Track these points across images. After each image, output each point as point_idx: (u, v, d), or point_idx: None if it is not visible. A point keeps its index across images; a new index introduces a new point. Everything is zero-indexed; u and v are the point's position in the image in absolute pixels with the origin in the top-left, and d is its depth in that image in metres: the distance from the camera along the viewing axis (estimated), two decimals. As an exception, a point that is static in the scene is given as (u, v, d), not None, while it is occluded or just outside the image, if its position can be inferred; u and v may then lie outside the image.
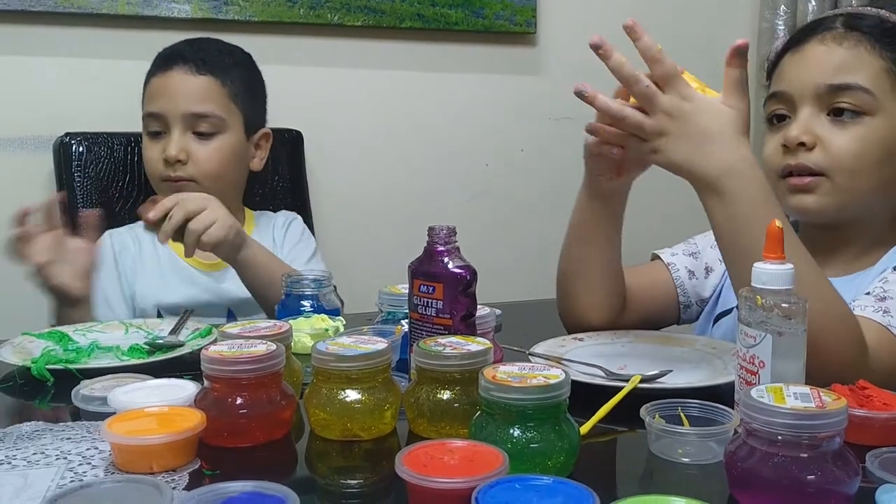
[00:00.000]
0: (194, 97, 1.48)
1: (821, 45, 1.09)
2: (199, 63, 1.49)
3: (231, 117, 1.52)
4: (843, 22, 1.09)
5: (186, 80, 1.48)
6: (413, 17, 1.94)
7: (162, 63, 1.51)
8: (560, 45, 2.10)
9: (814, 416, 0.65)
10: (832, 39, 1.08)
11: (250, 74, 1.60)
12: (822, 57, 1.08)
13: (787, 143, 1.08)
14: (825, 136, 1.07)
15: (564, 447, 0.72)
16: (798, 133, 1.07)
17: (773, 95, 1.13)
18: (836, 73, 1.07)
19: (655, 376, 0.94)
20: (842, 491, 0.65)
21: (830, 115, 1.07)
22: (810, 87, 1.08)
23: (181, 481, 0.72)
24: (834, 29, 1.09)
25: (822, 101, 1.08)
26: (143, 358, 1.07)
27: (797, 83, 1.10)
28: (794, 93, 1.10)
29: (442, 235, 0.93)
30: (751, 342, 0.79)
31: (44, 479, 0.72)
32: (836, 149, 1.06)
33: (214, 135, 1.49)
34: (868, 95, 1.05)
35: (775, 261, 0.79)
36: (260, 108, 1.63)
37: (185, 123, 1.47)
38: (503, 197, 2.11)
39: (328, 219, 1.93)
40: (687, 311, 1.28)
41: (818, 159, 1.07)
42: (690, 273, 1.27)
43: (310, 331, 1.13)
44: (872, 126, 1.06)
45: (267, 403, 0.82)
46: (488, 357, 0.82)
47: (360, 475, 0.78)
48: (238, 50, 1.61)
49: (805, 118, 1.08)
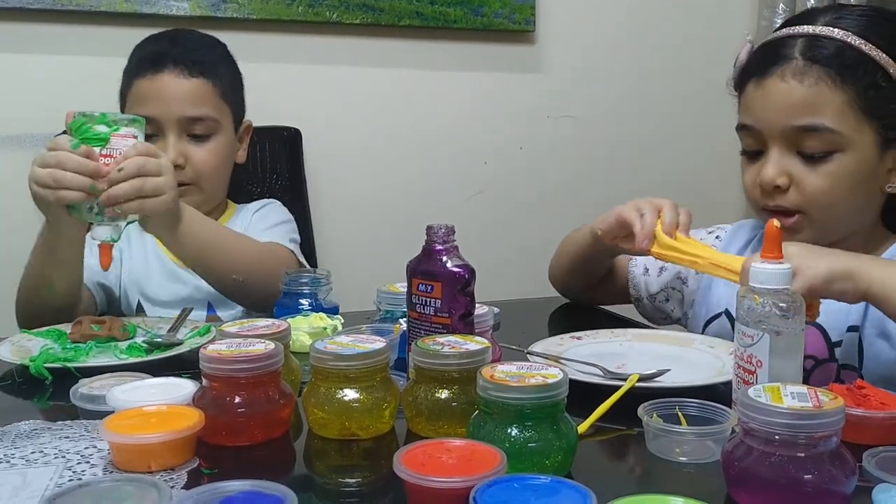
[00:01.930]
0: (189, 101, 1.46)
1: (781, 83, 1.08)
2: (190, 64, 1.46)
3: (223, 116, 1.50)
4: (803, 52, 1.07)
5: (180, 84, 1.45)
6: (412, 14, 1.94)
7: (150, 65, 1.47)
8: (559, 44, 2.10)
9: (811, 416, 0.65)
10: (792, 75, 1.07)
11: (233, 67, 1.58)
12: (784, 95, 1.08)
13: (763, 186, 1.10)
14: (798, 176, 1.08)
15: (562, 446, 0.72)
16: (773, 176, 1.09)
17: (743, 127, 1.14)
18: (800, 114, 1.07)
19: (653, 375, 0.95)
20: (839, 490, 0.65)
21: (800, 154, 1.08)
22: (777, 128, 1.08)
23: (180, 480, 0.72)
24: (793, 60, 1.07)
25: (789, 141, 1.08)
26: (141, 356, 1.07)
27: (764, 121, 1.10)
28: (763, 130, 1.10)
29: (440, 234, 0.93)
30: (748, 342, 0.79)
31: (42, 478, 0.72)
32: (809, 189, 1.08)
33: (210, 136, 1.48)
34: (834, 135, 1.06)
35: (773, 260, 0.80)
36: (243, 101, 1.61)
37: (181, 127, 1.45)
38: (502, 195, 2.11)
39: (326, 217, 1.93)
40: (640, 305, 1.38)
41: (794, 199, 1.09)
42: (645, 269, 1.35)
43: (308, 329, 1.13)
44: (843, 162, 1.07)
45: (265, 402, 0.82)
46: (486, 356, 0.82)
47: (358, 474, 0.78)
48: (217, 42, 1.58)
49: (776, 158, 1.09)
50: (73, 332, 1.15)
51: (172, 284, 1.47)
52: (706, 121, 2.22)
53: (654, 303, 1.35)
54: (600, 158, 2.16)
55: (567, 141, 2.14)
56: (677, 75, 2.22)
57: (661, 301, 1.34)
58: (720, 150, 1.90)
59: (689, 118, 2.23)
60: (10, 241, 1.48)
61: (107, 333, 1.15)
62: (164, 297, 1.45)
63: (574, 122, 2.14)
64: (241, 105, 1.60)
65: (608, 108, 2.16)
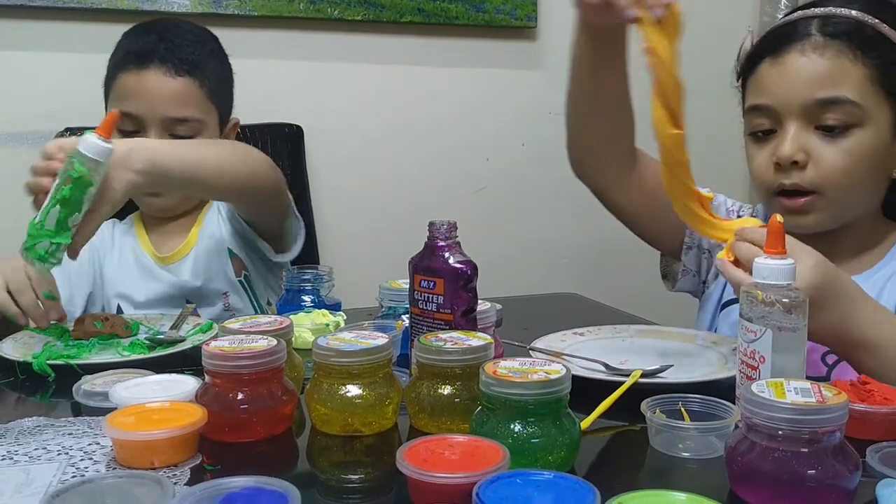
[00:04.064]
0: (173, 101, 1.42)
1: (802, 57, 1.07)
2: (177, 62, 1.42)
3: (208, 117, 1.47)
4: (820, 28, 1.07)
5: (165, 83, 1.42)
6: (413, 11, 1.93)
7: (136, 60, 1.43)
8: (561, 40, 2.07)
9: (814, 411, 0.65)
10: (812, 49, 1.06)
11: (222, 64, 1.54)
12: (806, 69, 1.06)
13: (781, 163, 1.08)
14: (816, 153, 1.06)
15: (565, 442, 0.72)
16: (792, 151, 1.06)
17: (756, 108, 1.12)
18: (822, 87, 1.05)
19: (656, 371, 0.95)
20: (842, 485, 0.65)
21: (819, 129, 1.07)
22: (797, 102, 1.07)
23: (182, 476, 0.72)
24: (811, 36, 1.07)
25: (809, 116, 1.07)
26: (144, 353, 1.07)
27: (782, 98, 1.08)
28: (780, 107, 1.08)
29: (443, 230, 0.93)
30: (751, 337, 0.79)
31: (45, 475, 0.72)
32: (828, 166, 1.06)
33: (192, 137, 1.44)
34: (856, 107, 1.05)
35: (776, 256, 0.79)
36: (231, 99, 1.57)
37: (164, 127, 1.41)
38: (504, 192, 2.11)
39: (329, 214, 1.93)
40: (688, 254, 1.25)
41: (811, 177, 1.07)
42: None
43: (310, 326, 1.13)
44: (862, 138, 1.06)
45: (268, 399, 0.82)
46: (489, 352, 0.82)
47: (361, 470, 0.78)
48: (208, 36, 1.54)
49: (794, 134, 1.07)
50: (76, 329, 1.15)
51: (150, 283, 1.46)
52: (707, 116, 2.21)
53: (701, 256, 1.26)
54: (602, 155, 2.15)
55: (569, 137, 2.14)
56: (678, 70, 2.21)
57: (706, 256, 1.26)
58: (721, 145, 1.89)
59: (691, 114, 2.21)
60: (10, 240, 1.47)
61: (109, 330, 1.15)
62: (141, 297, 1.45)
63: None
64: (229, 103, 1.56)
65: (610, 104, 2.16)
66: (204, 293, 1.45)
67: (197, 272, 1.46)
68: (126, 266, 1.48)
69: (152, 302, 1.43)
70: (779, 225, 0.80)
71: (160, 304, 1.42)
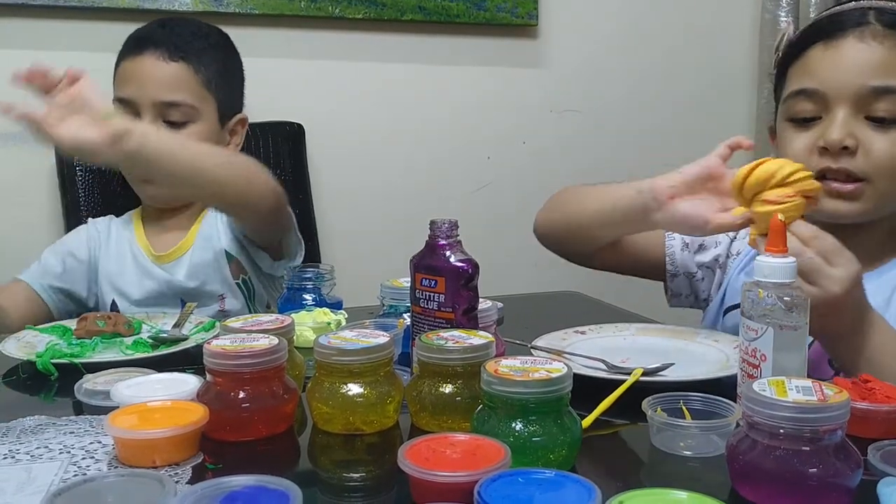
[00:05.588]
0: (165, 85, 1.42)
1: (860, 43, 1.05)
2: (172, 48, 1.43)
3: (204, 105, 1.46)
4: (877, 18, 1.06)
5: (158, 67, 1.42)
6: (414, 9, 1.93)
7: (133, 46, 1.45)
8: (562, 38, 2.10)
9: (816, 410, 0.65)
10: (872, 37, 1.05)
11: (226, 58, 1.54)
12: (863, 56, 1.05)
13: (830, 147, 1.05)
14: (867, 141, 1.04)
15: (566, 440, 0.72)
16: (842, 136, 1.04)
17: (802, 92, 1.09)
18: (877, 75, 1.04)
19: (657, 369, 0.95)
20: (844, 484, 0.65)
21: (868, 119, 1.05)
22: (850, 88, 1.05)
23: (184, 475, 0.72)
24: (870, 24, 1.05)
25: (859, 103, 1.05)
26: (147, 352, 1.07)
27: (834, 83, 1.06)
28: (830, 92, 1.06)
29: (444, 229, 0.93)
30: (753, 335, 0.79)
31: (47, 474, 0.73)
32: (878, 154, 1.04)
33: (186, 123, 1.44)
34: None
35: (777, 254, 0.79)
36: (235, 93, 1.57)
37: (156, 112, 1.42)
38: (505, 190, 2.11)
39: (330, 212, 1.93)
40: (674, 281, 1.28)
41: (861, 164, 1.05)
42: (684, 244, 1.28)
43: (312, 324, 1.14)
44: None
45: (269, 397, 0.82)
46: (490, 351, 0.82)
47: (362, 469, 0.78)
48: (214, 32, 1.55)
49: (844, 120, 1.05)
50: (79, 328, 1.15)
51: (145, 280, 1.46)
52: (710, 114, 2.22)
53: (691, 280, 1.28)
54: (603, 153, 2.15)
55: (570, 135, 2.14)
56: (681, 69, 2.21)
57: (698, 280, 1.28)
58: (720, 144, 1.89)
59: (693, 112, 2.22)
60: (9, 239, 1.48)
61: (112, 329, 1.15)
62: (137, 295, 1.45)
63: (577, 116, 2.14)
64: (232, 97, 1.55)
65: (611, 102, 2.16)
66: (199, 294, 1.44)
67: (192, 273, 1.46)
68: (122, 262, 1.48)
69: (147, 299, 1.44)
70: (780, 223, 0.80)
71: (155, 303, 1.42)
